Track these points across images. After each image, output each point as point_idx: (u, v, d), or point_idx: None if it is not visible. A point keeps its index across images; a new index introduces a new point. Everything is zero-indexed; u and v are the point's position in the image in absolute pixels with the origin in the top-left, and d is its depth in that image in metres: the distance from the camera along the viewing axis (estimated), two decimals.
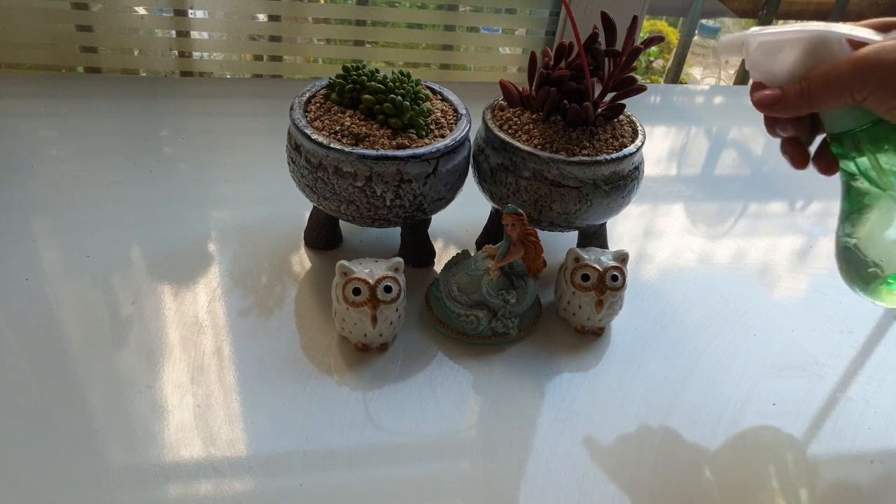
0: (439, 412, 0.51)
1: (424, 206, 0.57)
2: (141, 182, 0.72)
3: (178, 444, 0.46)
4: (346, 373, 0.53)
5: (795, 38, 0.39)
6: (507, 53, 1.18)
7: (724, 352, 0.59)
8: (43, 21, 0.92)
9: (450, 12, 1.04)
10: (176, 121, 0.85)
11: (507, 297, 0.55)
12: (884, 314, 0.66)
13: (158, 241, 0.64)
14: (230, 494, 0.43)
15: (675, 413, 0.53)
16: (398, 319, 0.54)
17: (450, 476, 0.47)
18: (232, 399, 0.50)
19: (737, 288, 0.67)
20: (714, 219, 0.79)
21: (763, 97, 0.41)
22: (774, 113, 0.41)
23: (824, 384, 0.57)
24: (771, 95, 0.41)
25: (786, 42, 0.39)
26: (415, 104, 0.56)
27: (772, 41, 0.40)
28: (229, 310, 0.57)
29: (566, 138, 0.57)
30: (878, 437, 0.53)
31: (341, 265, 0.51)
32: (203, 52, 1.03)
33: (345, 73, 0.58)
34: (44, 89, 0.88)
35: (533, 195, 0.58)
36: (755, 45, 0.40)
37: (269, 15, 1.01)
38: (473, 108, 0.61)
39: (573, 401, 0.53)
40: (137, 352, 0.52)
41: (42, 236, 0.63)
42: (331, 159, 0.53)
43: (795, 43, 0.39)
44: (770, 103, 0.41)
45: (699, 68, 2.76)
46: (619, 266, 0.56)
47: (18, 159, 0.73)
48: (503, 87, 0.61)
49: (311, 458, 0.46)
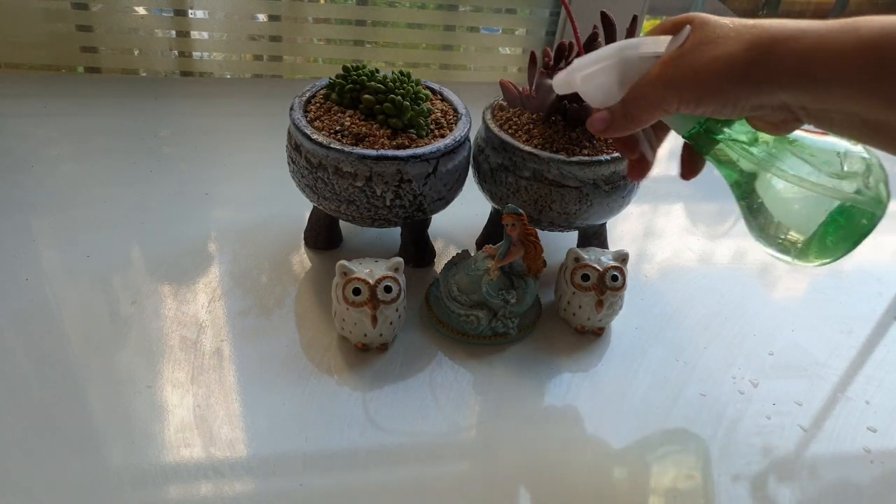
0: (439, 412, 0.51)
1: (424, 206, 0.57)
2: (141, 182, 0.72)
3: (178, 444, 0.46)
4: (346, 373, 0.53)
5: (604, 65, 0.40)
6: (507, 53, 1.18)
7: (724, 352, 0.59)
8: (43, 21, 0.92)
9: (450, 12, 1.04)
10: (176, 121, 0.85)
11: (507, 297, 0.55)
12: (884, 314, 0.66)
13: (158, 241, 0.64)
14: (230, 494, 0.43)
15: (675, 413, 0.53)
16: (398, 319, 0.54)
17: (450, 476, 0.47)
18: (232, 399, 0.50)
19: (737, 288, 0.67)
20: (714, 219, 0.79)
21: (594, 120, 0.42)
22: (608, 134, 0.42)
23: (824, 384, 0.57)
24: (600, 118, 0.42)
25: (599, 71, 0.41)
26: (415, 104, 0.56)
27: (590, 73, 0.41)
28: (229, 310, 0.57)
29: (566, 138, 0.57)
30: (878, 437, 0.53)
31: (341, 265, 0.51)
32: (203, 52, 1.03)
33: (345, 73, 0.58)
34: (44, 89, 0.88)
35: (533, 195, 0.57)
36: (579, 80, 0.41)
37: (269, 15, 1.01)
38: (473, 108, 0.61)
39: (573, 401, 0.53)
40: (137, 352, 0.52)
41: (42, 236, 0.63)
42: (331, 159, 0.53)
43: (606, 70, 0.40)
44: (602, 127, 0.42)
45: None
46: (619, 266, 0.56)
47: (18, 159, 0.73)
48: (503, 87, 0.61)
49: (311, 458, 0.46)
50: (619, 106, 0.41)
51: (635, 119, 0.40)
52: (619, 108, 0.41)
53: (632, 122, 0.41)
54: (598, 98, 0.42)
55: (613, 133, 0.42)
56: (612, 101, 0.41)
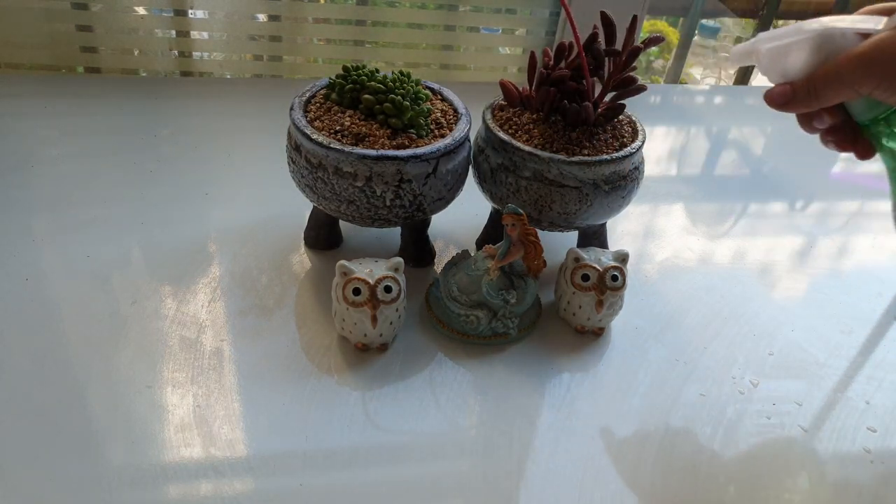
0: (439, 412, 0.51)
1: (424, 206, 0.57)
2: (141, 182, 0.72)
3: (178, 444, 0.46)
4: (346, 373, 0.53)
5: (801, 39, 0.40)
6: (507, 53, 1.18)
7: (724, 352, 0.59)
8: (43, 21, 0.92)
9: (450, 12, 1.04)
10: (176, 121, 0.85)
11: (507, 297, 0.55)
12: (884, 314, 0.66)
13: (158, 241, 0.64)
14: (230, 494, 0.43)
15: (675, 413, 0.53)
16: (398, 319, 0.54)
17: (450, 476, 0.47)
18: (232, 399, 0.50)
19: (737, 288, 0.67)
20: (714, 219, 0.79)
21: (773, 94, 0.41)
22: (785, 109, 0.41)
23: (824, 384, 0.57)
24: (780, 92, 0.41)
25: (792, 45, 0.40)
26: (415, 104, 0.56)
27: (779, 46, 0.41)
28: (229, 310, 0.57)
29: (566, 138, 0.57)
30: (878, 437, 0.53)
31: (341, 265, 0.51)
32: (203, 52, 1.03)
33: (345, 73, 0.58)
34: (44, 89, 0.88)
35: (533, 195, 0.58)
36: (764, 51, 0.41)
37: (269, 15, 1.01)
38: (473, 108, 0.61)
39: (573, 401, 0.53)
40: (137, 352, 0.52)
41: (42, 236, 0.63)
42: (331, 159, 0.53)
43: (801, 44, 0.40)
44: (781, 101, 0.41)
45: (699, 68, 2.76)
46: (619, 266, 0.56)
47: (18, 159, 0.73)
48: (503, 87, 0.61)
49: (311, 458, 0.46)
50: (803, 81, 0.40)
51: (821, 96, 0.39)
52: (803, 83, 0.40)
53: (815, 99, 0.40)
54: (777, 71, 0.41)
55: (792, 108, 0.41)
56: (792, 77, 0.41)
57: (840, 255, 0.75)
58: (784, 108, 0.41)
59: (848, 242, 0.77)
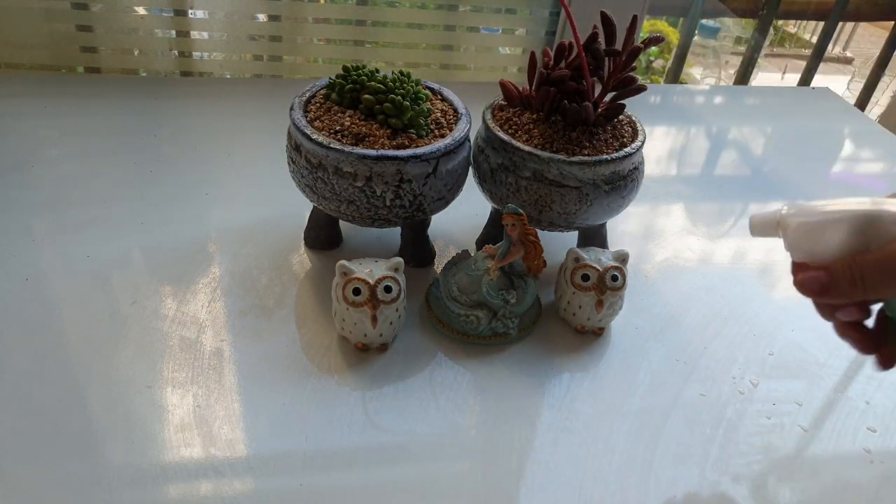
0: (439, 412, 0.51)
1: (424, 206, 0.57)
2: (141, 182, 0.72)
3: (178, 444, 0.46)
4: (346, 373, 0.53)
5: (840, 217, 0.35)
6: (507, 53, 1.18)
7: (724, 352, 0.59)
8: (43, 21, 0.92)
9: (450, 12, 1.04)
10: (176, 121, 0.85)
11: (507, 297, 0.55)
12: None
13: (158, 241, 0.64)
14: (230, 494, 0.43)
15: (675, 413, 0.53)
16: (398, 319, 0.54)
17: (450, 476, 0.47)
18: (232, 399, 0.50)
19: (737, 288, 0.67)
20: (714, 219, 0.79)
21: (809, 281, 0.36)
22: (823, 299, 0.36)
23: (824, 384, 0.57)
24: (817, 279, 0.35)
25: (829, 223, 0.35)
26: (415, 104, 0.56)
27: (812, 222, 0.36)
28: (229, 310, 0.57)
29: (566, 138, 0.57)
30: (878, 437, 0.53)
31: (341, 265, 0.51)
32: (203, 52, 1.03)
33: (345, 73, 0.58)
34: (44, 89, 0.88)
35: (533, 195, 0.58)
36: (794, 226, 0.37)
37: (269, 15, 1.01)
38: (473, 108, 0.61)
39: (573, 401, 0.53)
40: (137, 352, 0.52)
41: (42, 236, 0.63)
42: (331, 159, 0.53)
43: (841, 223, 0.35)
44: (819, 290, 0.35)
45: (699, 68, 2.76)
46: (619, 266, 0.56)
47: (18, 159, 0.73)
48: (503, 87, 0.61)
49: (311, 458, 0.46)
50: (844, 267, 0.35)
51: (869, 288, 0.34)
52: (844, 270, 0.35)
53: (861, 290, 0.34)
54: (805, 249, 0.37)
55: (829, 298, 0.36)
56: (821, 257, 0.36)
57: None
58: (819, 296, 0.36)
59: None
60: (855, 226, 0.34)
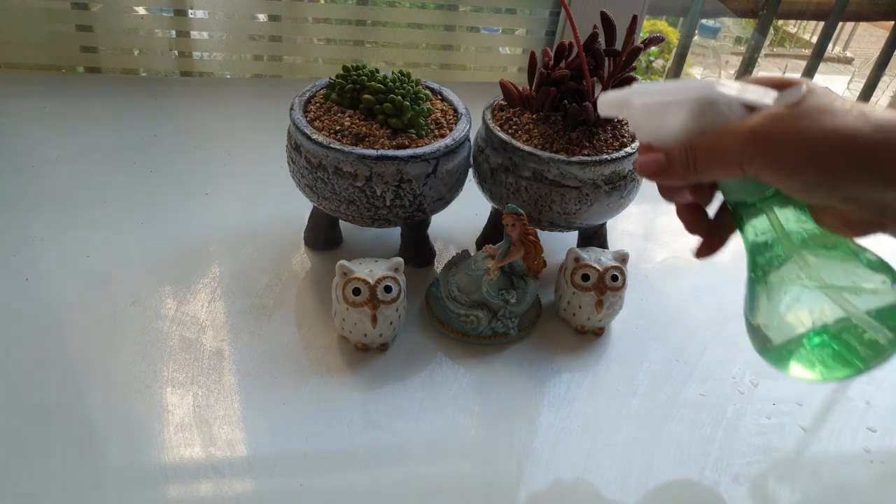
0: (439, 412, 0.51)
1: (424, 206, 0.57)
2: (141, 182, 0.72)
3: (178, 444, 0.46)
4: (346, 373, 0.53)
5: (681, 99, 0.35)
6: (507, 53, 1.18)
7: (724, 352, 0.59)
8: (43, 21, 0.92)
9: (450, 12, 1.04)
10: (176, 121, 0.85)
11: (507, 297, 0.55)
12: None
13: (158, 241, 0.64)
14: (230, 494, 0.43)
15: (674, 413, 0.53)
16: (398, 319, 0.54)
17: (450, 476, 0.47)
18: (232, 399, 0.50)
19: (737, 288, 0.67)
20: None
21: (647, 163, 0.36)
22: (659, 181, 0.37)
23: (824, 384, 0.57)
24: (654, 162, 0.36)
25: (671, 104, 0.35)
26: (415, 104, 0.56)
27: (656, 103, 0.36)
28: (229, 310, 0.57)
29: (566, 138, 0.57)
30: (878, 437, 0.53)
31: (341, 265, 0.51)
32: (203, 52, 1.03)
33: (345, 73, 0.58)
34: (44, 89, 0.88)
35: (533, 195, 0.58)
36: (639, 106, 0.37)
37: (269, 15, 1.01)
38: (473, 108, 0.61)
39: (573, 401, 0.53)
40: (137, 352, 0.52)
41: (42, 236, 0.63)
42: (331, 159, 0.53)
43: (681, 105, 0.35)
44: (654, 171, 0.36)
45: (699, 68, 2.76)
46: (619, 266, 0.56)
47: (18, 159, 0.73)
48: (503, 87, 0.61)
49: (311, 458, 0.46)
50: (681, 151, 0.35)
51: (701, 171, 0.35)
52: (681, 154, 0.35)
53: (694, 174, 0.35)
54: (649, 130, 0.37)
55: (666, 180, 0.37)
56: (669, 139, 0.36)
57: None
58: (656, 178, 0.37)
59: None
60: (694, 110, 0.35)
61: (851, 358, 0.35)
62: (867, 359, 0.35)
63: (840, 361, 0.36)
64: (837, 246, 0.36)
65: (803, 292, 0.36)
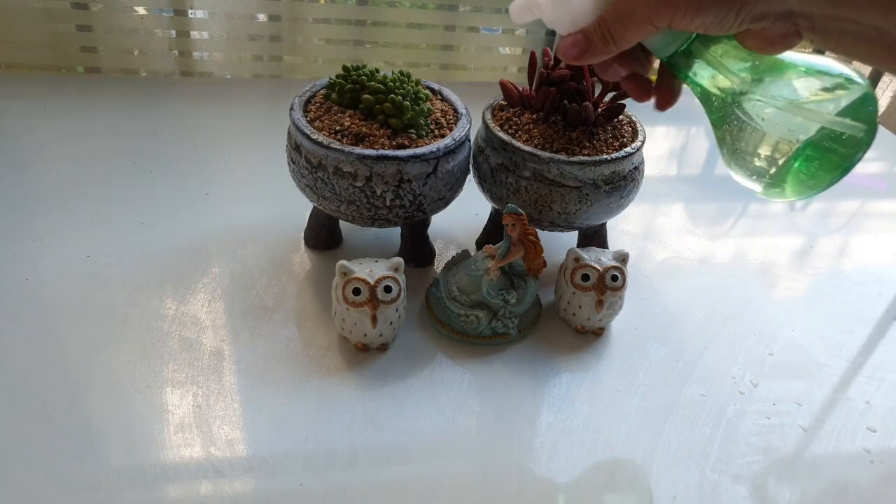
0: (439, 412, 0.51)
1: (424, 206, 0.57)
2: (141, 182, 0.72)
3: (178, 444, 0.46)
4: (346, 373, 0.53)
5: None
6: (507, 53, 1.18)
7: (724, 352, 0.59)
8: (43, 21, 0.92)
9: (450, 12, 1.04)
10: (176, 121, 0.85)
11: (507, 297, 0.55)
12: (883, 314, 0.66)
13: (159, 240, 0.64)
14: (230, 494, 0.43)
15: (675, 413, 0.53)
16: (398, 319, 0.54)
17: (450, 476, 0.47)
18: (232, 399, 0.50)
19: (737, 288, 0.67)
20: (714, 219, 0.79)
21: (566, 47, 0.36)
22: (584, 62, 0.37)
23: (824, 384, 0.57)
24: (573, 43, 0.36)
25: None
26: (415, 104, 0.56)
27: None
28: (229, 310, 0.57)
29: (566, 138, 0.57)
30: (878, 437, 0.53)
31: (341, 265, 0.51)
32: (203, 52, 1.03)
33: (345, 73, 0.58)
34: (44, 89, 0.88)
35: (533, 195, 0.58)
36: (544, 1, 0.37)
37: (269, 15, 1.01)
38: (473, 108, 0.61)
39: (573, 401, 0.53)
40: (137, 352, 0.52)
41: (42, 236, 0.63)
42: (331, 159, 0.53)
43: None
44: (575, 52, 0.36)
45: None
46: (619, 266, 0.56)
47: (18, 159, 0.73)
48: (503, 87, 0.61)
49: (311, 458, 0.46)
50: (594, 26, 0.36)
51: (618, 39, 0.35)
52: (595, 28, 0.36)
53: (613, 44, 0.35)
54: (566, 20, 0.37)
55: (589, 58, 0.37)
56: (585, 22, 0.36)
57: (840, 255, 0.75)
58: (580, 59, 0.37)
59: (848, 242, 0.77)
60: None
61: (838, 160, 0.36)
62: (851, 156, 0.35)
63: (827, 169, 0.36)
64: (779, 65, 0.36)
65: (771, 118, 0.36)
